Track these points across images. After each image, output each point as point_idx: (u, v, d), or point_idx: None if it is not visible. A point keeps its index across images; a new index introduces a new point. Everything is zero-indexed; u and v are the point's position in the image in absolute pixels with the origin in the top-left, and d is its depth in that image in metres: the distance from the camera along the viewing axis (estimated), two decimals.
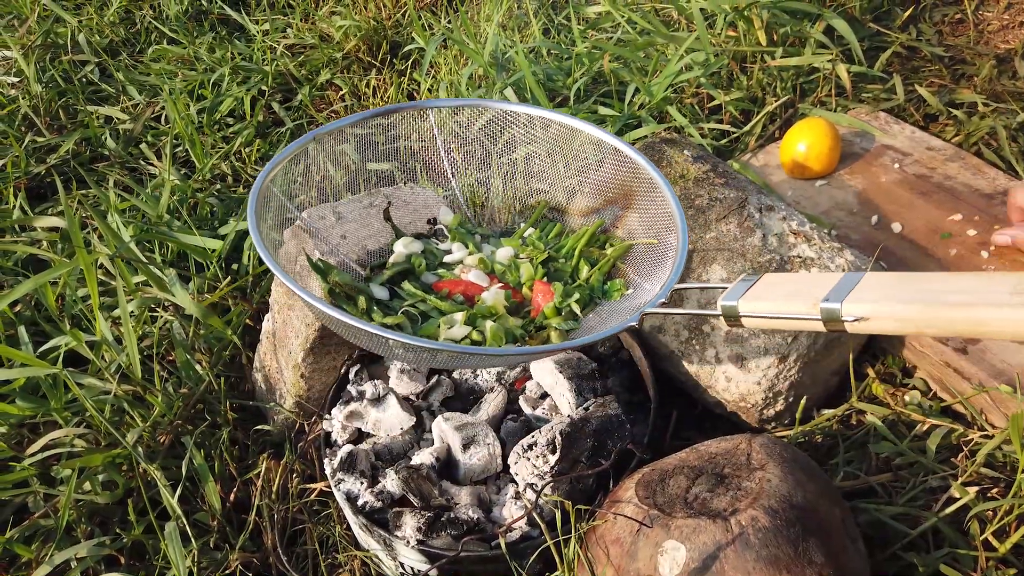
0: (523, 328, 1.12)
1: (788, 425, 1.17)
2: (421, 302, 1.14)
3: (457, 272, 1.22)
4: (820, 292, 0.84)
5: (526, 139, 1.30)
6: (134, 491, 1.21)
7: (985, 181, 1.44)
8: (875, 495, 1.08)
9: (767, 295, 0.88)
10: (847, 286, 0.83)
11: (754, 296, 0.88)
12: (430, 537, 1.01)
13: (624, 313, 1.10)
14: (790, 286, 0.88)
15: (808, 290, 0.85)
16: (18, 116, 2.03)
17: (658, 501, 0.91)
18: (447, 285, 1.18)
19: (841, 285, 0.84)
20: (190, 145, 1.82)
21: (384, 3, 2.26)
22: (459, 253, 1.25)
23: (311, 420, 1.25)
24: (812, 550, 0.83)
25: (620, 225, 1.25)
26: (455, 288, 1.17)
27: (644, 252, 1.20)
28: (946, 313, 0.77)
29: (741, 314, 0.88)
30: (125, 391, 1.27)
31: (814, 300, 0.82)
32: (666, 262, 1.12)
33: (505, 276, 1.21)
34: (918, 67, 1.81)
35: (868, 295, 0.82)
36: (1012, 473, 1.04)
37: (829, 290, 0.84)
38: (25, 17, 2.41)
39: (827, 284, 0.85)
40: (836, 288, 0.84)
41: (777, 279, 0.91)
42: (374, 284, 1.18)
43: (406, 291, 1.17)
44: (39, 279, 1.29)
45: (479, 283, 1.19)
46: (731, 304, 0.88)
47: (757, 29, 1.73)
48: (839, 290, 0.83)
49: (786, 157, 1.51)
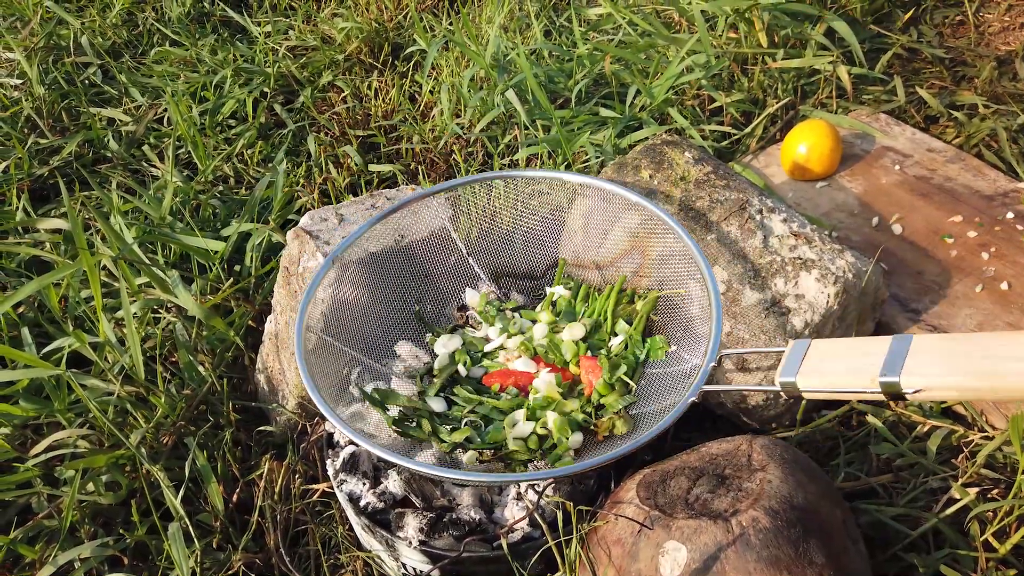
0: (583, 411, 1.10)
1: (789, 426, 1.18)
2: (479, 405, 1.13)
3: (501, 360, 1.19)
4: (875, 364, 0.84)
5: (541, 204, 1.29)
6: (137, 492, 1.21)
7: (986, 183, 1.45)
8: (876, 496, 1.08)
9: (824, 370, 0.88)
10: (899, 353, 0.83)
11: (811, 371, 0.89)
12: (432, 538, 1.02)
13: (673, 378, 1.08)
14: (844, 358, 0.88)
15: (863, 362, 0.85)
16: (21, 118, 2.03)
17: (659, 502, 0.91)
18: (497, 379, 1.16)
19: (893, 353, 0.84)
20: (192, 147, 1.83)
21: (386, 5, 2.26)
22: (498, 339, 1.22)
23: (313, 421, 1.25)
24: (813, 551, 0.83)
25: (643, 274, 1.22)
26: (506, 381, 1.15)
27: (675, 302, 1.17)
28: (1010, 383, 0.76)
29: (801, 390, 0.89)
30: (128, 392, 1.28)
31: (872, 376, 0.83)
32: (701, 317, 1.09)
33: (548, 356, 1.18)
34: (919, 69, 1.82)
35: (923, 364, 0.81)
36: (1012, 474, 1.05)
37: (883, 361, 0.83)
38: (28, 19, 2.42)
39: (879, 352, 0.85)
40: (889, 358, 0.83)
41: (827, 348, 0.91)
42: (430, 398, 1.15)
43: (461, 398, 1.15)
44: (42, 280, 1.29)
45: (527, 370, 1.16)
46: (790, 380, 0.89)
47: (758, 31, 1.73)
48: (893, 360, 0.83)
49: (787, 159, 1.52)
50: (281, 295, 1.27)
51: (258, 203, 1.65)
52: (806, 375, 0.88)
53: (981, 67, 1.75)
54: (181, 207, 1.67)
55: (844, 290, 1.13)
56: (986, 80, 1.72)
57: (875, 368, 0.83)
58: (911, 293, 1.29)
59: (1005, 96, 1.67)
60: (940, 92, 1.72)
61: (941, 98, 1.68)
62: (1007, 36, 1.89)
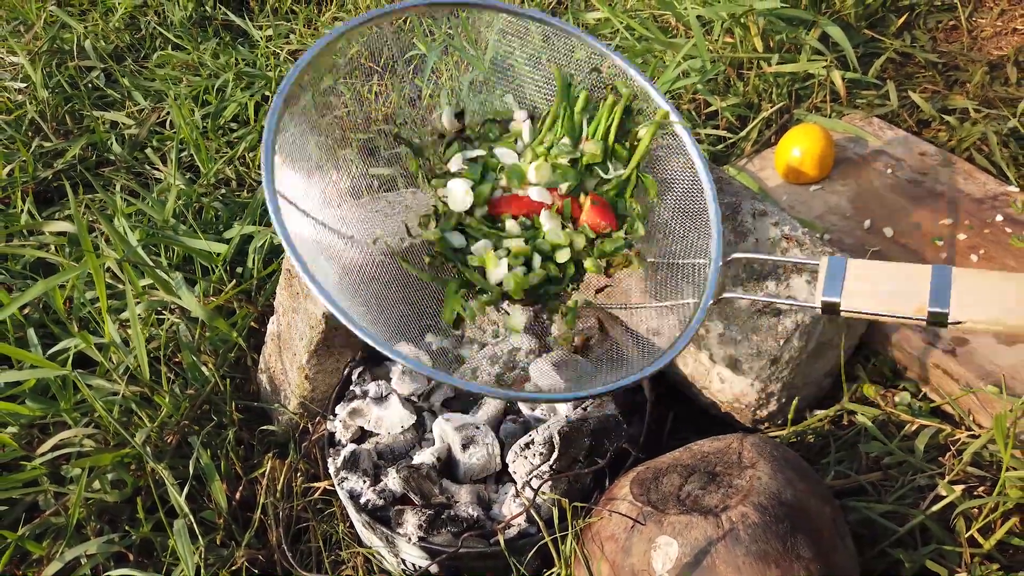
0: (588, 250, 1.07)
1: (781, 425, 1.20)
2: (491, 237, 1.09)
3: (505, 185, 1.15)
4: (922, 292, 0.86)
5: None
6: (142, 490, 1.23)
7: (976, 186, 1.47)
8: (865, 494, 1.10)
9: (869, 292, 0.89)
10: (943, 284, 0.85)
11: (855, 292, 0.89)
12: (431, 534, 1.04)
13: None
14: (888, 283, 0.89)
15: (909, 289, 0.87)
16: (25, 121, 2.05)
17: (652, 498, 0.94)
18: (510, 206, 1.11)
19: (937, 283, 0.86)
20: (195, 150, 1.85)
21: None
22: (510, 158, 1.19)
23: (315, 420, 1.27)
24: (800, 545, 0.86)
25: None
26: (519, 209, 1.11)
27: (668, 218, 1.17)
28: None
29: (842, 309, 0.89)
30: (133, 392, 1.30)
31: (919, 305, 0.85)
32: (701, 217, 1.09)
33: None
34: (912, 73, 1.84)
35: (966, 298, 0.83)
36: (997, 472, 1.07)
37: (929, 291, 0.85)
38: (32, 23, 2.44)
39: (922, 281, 0.86)
40: (935, 288, 0.85)
41: (866, 269, 0.91)
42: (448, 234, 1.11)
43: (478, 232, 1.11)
44: (48, 282, 1.31)
45: (542, 200, 1.12)
46: (833, 300, 0.89)
47: (753, 36, 1.76)
48: (939, 291, 0.85)
49: (781, 162, 1.54)
50: (283, 297, 1.30)
51: (260, 205, 1.67)
52: (851, 296, 0.89)
53: (973, 71, 1.77)
54: (184, 210, 1.69)
55: None
56: (978, 84, 1.74)
57: (923, 297, 0.85)
58: None
59: (996, 100, 1.69)
60: (932, 96, 1.74)
61: (933, 102, 1.71)
62: (999, 41, 1.91)
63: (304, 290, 1.23)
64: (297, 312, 1.26)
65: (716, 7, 1.72)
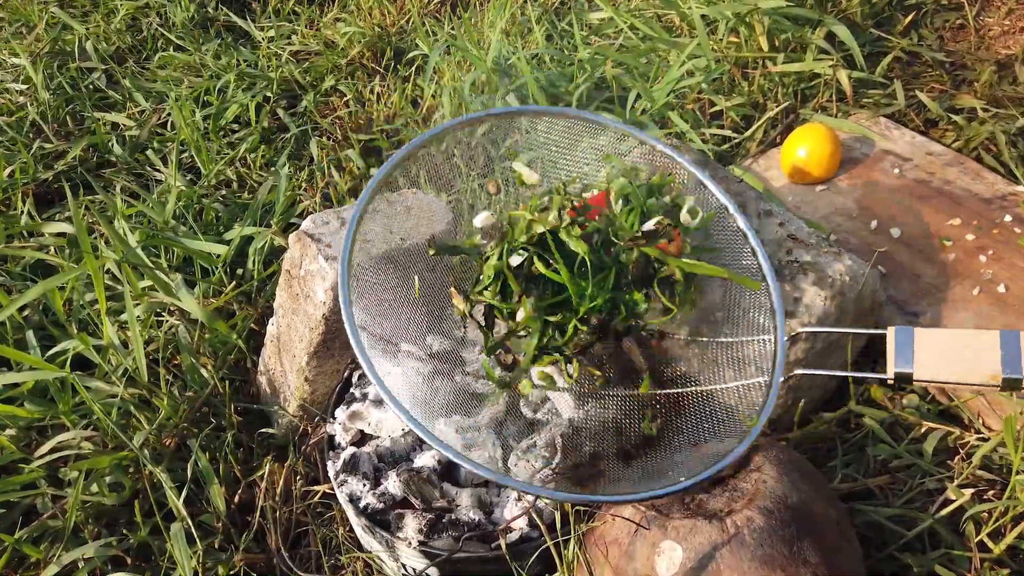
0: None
1: (787, 428, 1.18)
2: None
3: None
4: (994, 360, 0.88)
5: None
6: (140, 493, 1.22)
7: (984, 186, 1.45)
8: (873, 497, 1.09)
9: (940, 361, 0.91)
10: (1014, 350, 0.88)
11: (927, 362, 0.92)
12: (431, 538, 1.03)
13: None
14: (958, 351, 0.91)
15: (981, 357, 0.89)
16: (26, 123, 2.05)
17: (656, 502, 0.92)
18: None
19: (1008, 348, 0.88)
20: (196, 151, 1.84)
21: (388, 10, 2.28)
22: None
23: (314, 423, 1.26)
24: (807, 550, 0.84)
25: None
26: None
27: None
28: None
29: (916, 379, 0.92)
30: (131, 394, 1.29)
31: (994, 372, 0.88)
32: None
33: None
34: (919, 73, 1.82)
35: None
36: (1007, 475, 1.05)
37: (1000, 358, 0.88)
38: (33, 25, 2.44)
39: (992, 346, 0.89)
40: (1006, 353, 0.88)
41: (934, 339, 0.93)
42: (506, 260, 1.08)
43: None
44: (47, 284, 1.30)
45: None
46: (906, 371, 0.92)
47: (758, 35, 1.74)
48: (1010, 357, 0.88)
49: (787, 162, 1.52)
50: (283, 298, 1.29)
51: (261, 207, 1.66)
52: (922, 366, 0.91)
53: (981, 71, 1.76)
54: (184, 211, 1.68)
55: (840, 293, 1.13)
56: (986, 84, 1.72)
57: (995, 365, 0.88)
58: (909, 296, 1.30)
59: (1004, 100, 1.68)
60: (940, 96, 1.73)
61: (941, 102, 1.69)
62: (1007, 40, 1.90)
63: (304, 291, 1.22)
64: (297, 314, 1.25)
65: (721, 6, 1.71)
